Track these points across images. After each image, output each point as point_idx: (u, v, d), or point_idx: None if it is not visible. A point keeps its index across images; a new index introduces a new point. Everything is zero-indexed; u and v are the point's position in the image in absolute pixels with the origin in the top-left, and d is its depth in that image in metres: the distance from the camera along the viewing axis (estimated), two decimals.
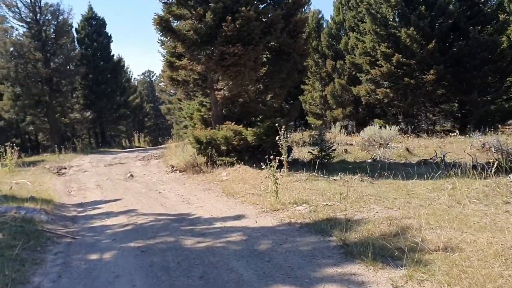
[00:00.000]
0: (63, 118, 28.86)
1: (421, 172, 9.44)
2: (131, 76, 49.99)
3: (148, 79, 71.91)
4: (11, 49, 25.01)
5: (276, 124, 8.91)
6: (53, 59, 26.45)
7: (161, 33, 11.23)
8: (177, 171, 13.03)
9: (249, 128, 11.20)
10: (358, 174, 9.52)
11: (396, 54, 21.05)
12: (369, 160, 13.17)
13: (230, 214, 7.02)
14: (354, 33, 24.64)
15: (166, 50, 13.03)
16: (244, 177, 10.23)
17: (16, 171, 15.18)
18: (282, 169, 9.86)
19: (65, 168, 16.73)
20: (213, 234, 5.87)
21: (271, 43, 11.49)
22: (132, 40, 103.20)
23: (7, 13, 25.16)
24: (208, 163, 11.93)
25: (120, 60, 34.81)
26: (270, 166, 7.55)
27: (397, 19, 22.49)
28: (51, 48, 26.48)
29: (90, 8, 33.40)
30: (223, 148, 11.95)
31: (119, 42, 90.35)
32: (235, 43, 10.32)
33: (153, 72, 71.21)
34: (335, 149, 12.94)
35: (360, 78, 24.43)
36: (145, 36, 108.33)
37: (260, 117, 11.89)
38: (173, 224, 6.67)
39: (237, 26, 10.24)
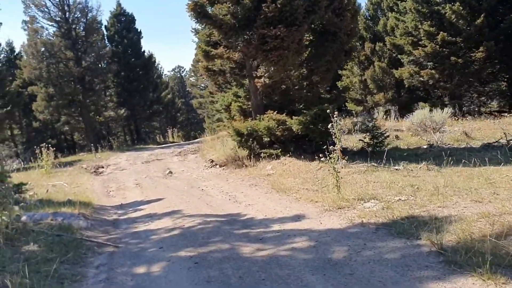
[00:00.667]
0: (97, 117, 28.78)
1: (490, 157, 8.35)
2: (162, 72, 49.84)
3: (179, 75, 71.91)
4: (42, 49, 24.93)
5: (328, 111, 7.99)
6: (84, 58, 26.27)
7: (196, 20, 10.45)
8: (217, 166, 12.32)
9: (294, 117, 10.33)
10: (423, 162, 8.51)
11: (441, 32, 19.63)
12: (425, 146, 12.07)
13: (287, 214, 6.19)
14: (393, 13, 23.28)
15: (200, 39, 12.27)
16: (292, 170, 9.39)
17: (52, 172, 14.85)
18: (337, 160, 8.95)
19: (102, 167, 16.34)
20: (273, 239, 5.06)
21: (314, 23, 10.54)
22: (161, 37, 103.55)
23: (37, 13, 25.14)
24: (251, 156, 11.14)
25: (151, 56, 34.42)
26: (328, 157, 6.68)
27: None
28: (81, 47, 26.31)
29: (119, 4, 33.10)
30: (266, 139, 11.13)
31: (148, 39, 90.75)
32: (277, 24, 9.43)
33: (183, 67, 71.01)
34: (388, 136, 11.90)
35: (401, 60, 23.08)
36: (174, 32, 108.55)
37: (303, 104, 10.96)
38: (224, 227, 5.91)
39: (278, 5, 9.35)
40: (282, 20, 9.48)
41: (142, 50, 33.71)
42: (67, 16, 25.77)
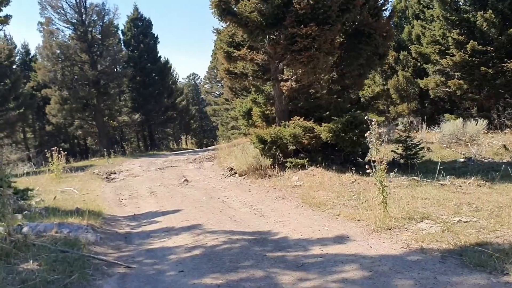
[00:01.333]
0: (111, 121, 28.24)
1: None
2: (177, 79, 49.32)
3: (193, 82, 71.77)
4: (58, 51, 24.48)
5: (367, 117, 7.14)
6: (100, 61, 25.76)
7: (220, 17, 9.70)
8: (237, 175, 11.52)
9: (323, 124, 9.49)
10: (472, 178, 7.61)
11: (471, 41, 18.70)
12: (462, 160, 11.12)
13: (327, 234, 5.33)
14: (419, 20, 22.40)
15: (222, 40, 11.54)
16: (322, 182, 8.54)
17: (63, 177, 14.22)
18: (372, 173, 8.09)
19: (115, 173, 15.65)
20: (316, 266, 4.21)
21: (348, 23, 9.73)
22: (177, 44, 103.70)
23: (53, 15, 24.74)
24: (274, 166, 10.32)
25: (167, 61, 33.89)
26: (373, 169, 5.83)
27: (469, 2, 20.12)
28: (97, 50, 25.84)
29: (136, 9, 32.77)
30: (291, 147, 10.31)
31: (164, 46, 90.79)
32: (308, 23, 8.64)
33: (197, 74, 70.92)
34: (423, 148, 11.01)
35: (427, 69, 22.14)
36: (189, 40, 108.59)
37: (332, 110, 10.12)
38: (254, 247, 5.07)
39: (311, 2, 8.57)
40: (314, 18, 8.69)
41: (159, 56, 33.25)
42: (83, 18, 25.34)
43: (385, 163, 5.79)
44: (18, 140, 28.90)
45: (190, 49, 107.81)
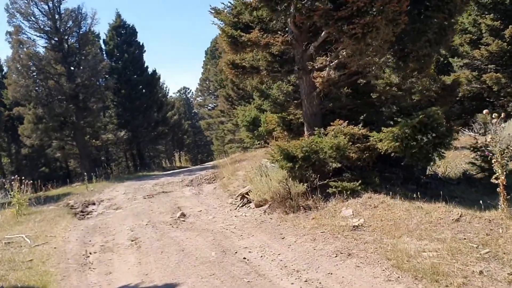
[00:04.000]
0: (93, 141, 24.93)
1: None
2: (167, 93, 46.08)
3: (184, 96, 68.72)
4: (29, 63, 21.27)
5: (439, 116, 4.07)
6: (78, 73, 22.54)
7: None
8: (251, 205, 8.36)
9: (384, 129, 6.38)
10: None
11: (510, 26, 15.87)
12: None
13: None
14: None
15: (224, 22, 8.43)
16: (397, 219, 5.40)
17: (26, 213, 11.08)
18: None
19: (93, 204, 12.45)
20: None
21: None
22: (165, 57, 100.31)
23: (23, 23, 21.53)
24: (310, 193, 7.15)
25: (155, 72, 30.61)
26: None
27: None
28: (74, 60, 22.70)
29: (118, 16, 29.61)
30: (333, 165, 7.19)
31: (152, 59, 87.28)
32: None
33: (189, 88, 67.82)
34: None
35: (453, 64, 19.22)
36: (179, 51, 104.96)
37: (393, 108, 7.01)
38: None
39: None
40: None
41: (145, 66, 30.04)
42: (57, 25, 22.15)
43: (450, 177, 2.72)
44: None
45: (180, 63, 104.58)
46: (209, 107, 49.42)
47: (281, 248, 5.36)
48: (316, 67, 7.26)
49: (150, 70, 30.25)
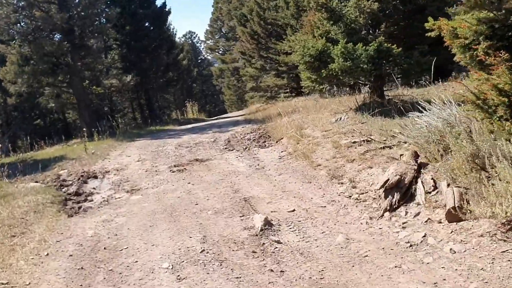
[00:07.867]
0: (94, 87, 20.50)
1: None
2: (175, 35, 40.86)
3: (190, 41, 62.76)
4: None
5: None
6: (72, 0, 17.85)
7: None
8: (438, 217, 4.23)
9: None
10: None
11: None
12: None
13: None
14: None
15: None
16: None
17: None
18: None
19: (95, 177, 8.43)
20: None
21: None
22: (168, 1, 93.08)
23: None
24: None
25: (164, 4, 25.67)
26: None
27: None
28: None
29: None
30: None
31: None
32: None
33: (195, 33, 62.19)
34: None
35: None
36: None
37: None
38: None
39: None
40: None
41: None
42: None
43: None
44: None
45: (185, 6, 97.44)
46: (220, 51, 44.41)
47: None
48: None
49: (158, 2, 25.37)
